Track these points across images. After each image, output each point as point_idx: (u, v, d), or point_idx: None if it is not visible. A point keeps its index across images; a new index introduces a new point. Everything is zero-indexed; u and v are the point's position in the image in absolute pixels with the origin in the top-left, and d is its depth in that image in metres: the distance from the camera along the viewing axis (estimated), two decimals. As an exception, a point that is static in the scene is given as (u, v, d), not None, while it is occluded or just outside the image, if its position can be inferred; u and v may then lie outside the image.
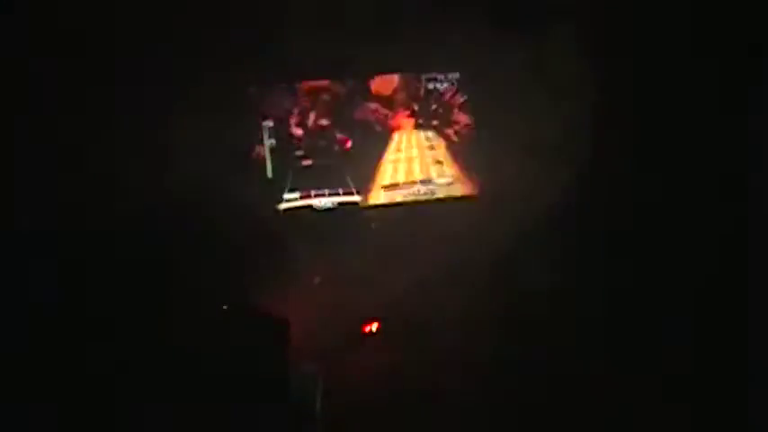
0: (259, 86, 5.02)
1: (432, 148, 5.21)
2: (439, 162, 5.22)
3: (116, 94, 4.37)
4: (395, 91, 5.13)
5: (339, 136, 5.11)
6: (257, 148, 5.06)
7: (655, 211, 3.82)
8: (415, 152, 5.21)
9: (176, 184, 4.39)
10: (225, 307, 3.11)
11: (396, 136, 5.19)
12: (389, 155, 5.18)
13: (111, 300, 3.42)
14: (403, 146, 5.21)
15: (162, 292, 3.42)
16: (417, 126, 5.16)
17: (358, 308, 4.43)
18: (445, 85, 5.18)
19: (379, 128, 5.14)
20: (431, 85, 5.17)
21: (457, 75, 5.20)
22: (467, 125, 5.15)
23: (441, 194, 5.21)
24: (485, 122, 5.04)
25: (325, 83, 5.07)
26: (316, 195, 5.13)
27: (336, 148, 5.12)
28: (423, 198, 5.21)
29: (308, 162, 5.14)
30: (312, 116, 5.11)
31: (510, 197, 4.63)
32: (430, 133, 5.22)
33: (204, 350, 2.75)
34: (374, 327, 4.44)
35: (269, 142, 5.08)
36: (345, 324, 4.34)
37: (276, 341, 2.88)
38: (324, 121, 5.11)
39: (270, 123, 5.07)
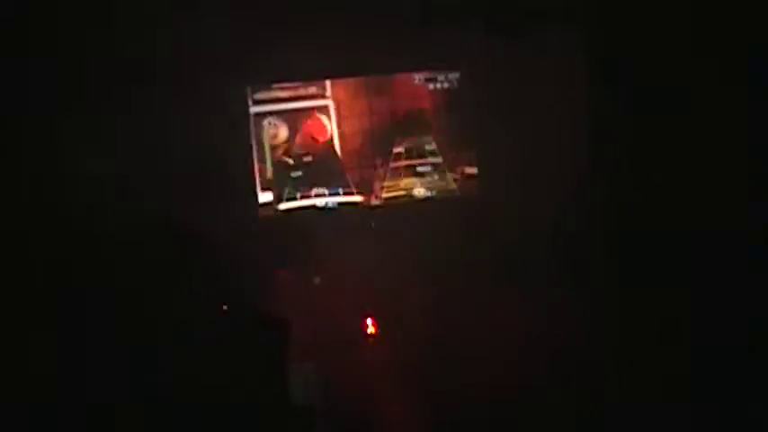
0: (259, 86, 5.03)
1: (434, 148, 5.22)
2: (439, 163, 5.23)
3: (115, 93, 4.37)
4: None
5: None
6: (257, 148, 5.07)
7: (655, 212, 3.83)
8: (414, 154, 5.22)
9: (176, 183, 4.40)
10: (225, 307, 3.11)
11: (396, 138, 5.19)
12: (390, 156, 5.19)
13: (110, 299, 3.41)
14: (403, 147, 5.21)
15: (161, 293, 3.42)
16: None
17: (358, 308, 4.44)
18: (446, 84, 5.19)
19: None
20: (431, 86, 5.17)
21: (457, 75, 5.20)
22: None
23: (440, 194, 5.22)
24: (484, 123, 5.04)
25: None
26: (316, 195, 5.13)
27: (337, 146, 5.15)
28: (422, 198, 5.22)
29: (308, 159, 5.14)
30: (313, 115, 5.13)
31: (510, 197, 4.64)
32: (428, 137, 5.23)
33: (204, 350, 2.75)
34: (374, 326, 4.45)
35: (269, 141, 5.09)
36: (345, 324, 4.35)
37: (276, 341, 2.88)
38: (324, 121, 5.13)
39: (270, 122, 5.08)
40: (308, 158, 5.15)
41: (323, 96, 5.14)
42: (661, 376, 3.26)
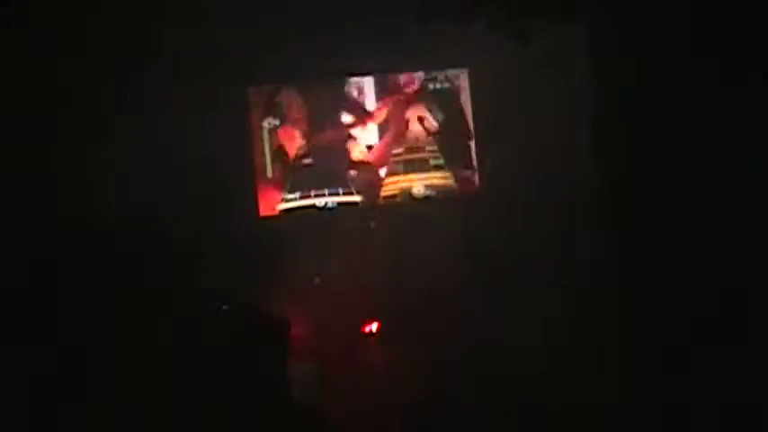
0: (259, 86, 5.03)
1: (433, 147, 5.22)
2: (439, 162, 5.23)
3: (116, 93, 4.37)
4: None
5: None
6: (257, 148, 5.06)
7: (655, 212, 3.82)
8: (414, 153, 5.22)
9: (176, 182, 4.39)
10: (225, 307, 3.11)
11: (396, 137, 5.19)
12: (391, 155, 5.19)
13: (110, 299, 3.42)
14: (403, 145, 5.21)
15: (162, 293, 3.42)
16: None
17: (358, 308, 4.44)
18: (446, 84, 5.18)
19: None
20: (431, 86, 5.17)
21: (457, 75, 5.20)
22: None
23: (440, 194, 5.22)
24: (485, 122, 5.04)
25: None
26: (316, 195, 5.14)
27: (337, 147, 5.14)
28: (422, 197, 5.22)
29: (308, 161, 5.14)
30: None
31: (510, 197, 4.63)
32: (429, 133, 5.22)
33: (204, 350, 2.75)
34: (374, 326, 4.44)
35: (269, 142, 5.09)
36: (345, 324, 4.34)
37: (276, 341, 2.87)
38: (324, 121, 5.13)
39: (270, 122, 5.07)
40: (307, 159, 5.15)
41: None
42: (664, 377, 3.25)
